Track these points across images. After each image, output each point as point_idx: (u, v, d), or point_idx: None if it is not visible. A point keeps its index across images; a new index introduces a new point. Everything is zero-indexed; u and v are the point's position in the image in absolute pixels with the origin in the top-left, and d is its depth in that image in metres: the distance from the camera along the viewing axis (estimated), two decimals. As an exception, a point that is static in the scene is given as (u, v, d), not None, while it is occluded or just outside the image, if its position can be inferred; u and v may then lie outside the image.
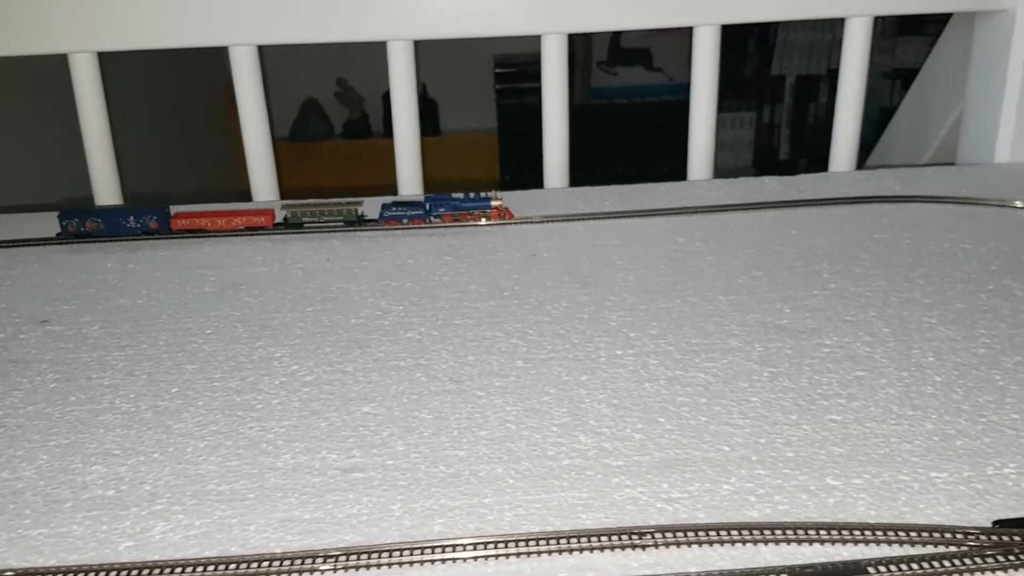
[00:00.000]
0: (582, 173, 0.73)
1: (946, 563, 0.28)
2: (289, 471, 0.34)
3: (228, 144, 2.52)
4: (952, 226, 0.56)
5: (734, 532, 0.30)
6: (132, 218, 0.58)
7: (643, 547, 0.29)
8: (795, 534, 0.29)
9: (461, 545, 0.29)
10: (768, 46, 2.51)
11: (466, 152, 2.51)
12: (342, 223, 0.59)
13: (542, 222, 0.60)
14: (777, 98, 2.56)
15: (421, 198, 0.60)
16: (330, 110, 2.70)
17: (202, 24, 0.65)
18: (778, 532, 0.30)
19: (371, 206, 0.61)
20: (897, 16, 2.27)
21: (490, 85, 2.50)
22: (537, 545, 0.29)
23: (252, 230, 0.59)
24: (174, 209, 0.60)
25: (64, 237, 0.59)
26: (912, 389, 0.38)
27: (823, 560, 0.28)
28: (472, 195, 0.60)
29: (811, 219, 0.58)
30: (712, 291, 0.49)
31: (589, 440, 0.35)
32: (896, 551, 0.29)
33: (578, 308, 0.47)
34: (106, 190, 0.71)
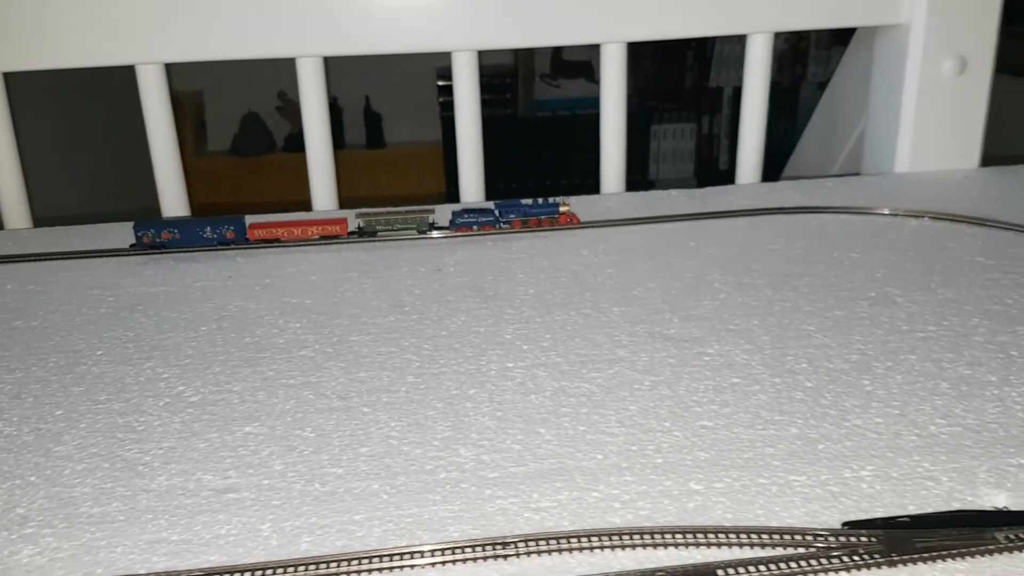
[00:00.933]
0: (528, 184, 0.73)
1: (793, 564, 0.29)
2: (163, 493, 0.34)
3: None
4: (844, 236, 0.58)
5: (594, 539, 0.30)
6: (209, 228, 0.58)
7: (504, 557, 0.30)
8: (651, 538, 0.30)
9: (324, 562, 0.30)
10: (706, 58, 2.56)
11: (411, 164, 2.51)
12: (415, 231, 0.60)
13: (451, 237, 0.60)
14: (716, 109, 2.62)
15: (491, 205, 0.61)
16: (272, 124, 2.68)
17: (108, 43, 0.65)
18: (635, 537, 0.30)
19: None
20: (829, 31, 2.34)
21: (434, 97, 2.50)
22: (401, 559, 0.30)
23: (327, 239, 0.59)
24: (249, 219, 0.60)
25: (139, 248, 0.59)
26: (783, 395, 0.40)
27: (676, 563, 0.29)
28: (540, 201, 0.61)
29: (711, 231, 0.60)
30: (607, 303, 0.50)
31: (468, 453, 0.36)
32: (747, 553, 0.30)
33: (476, 322, 0.48)
34: (15, 211, 0.70)
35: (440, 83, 2.51)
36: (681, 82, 2.62)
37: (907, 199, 0.64)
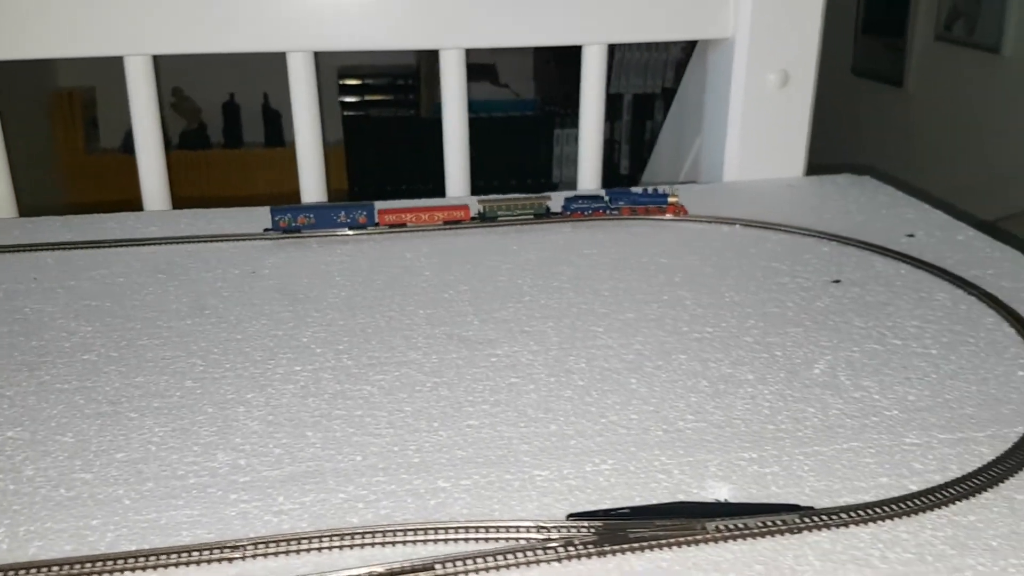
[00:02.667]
0: (429, 187, 0.74)
1: (510, 556, 0.31)
2: (-102, 502, 0.33)
3: (50, 155, 2.38)
4: (657, 242, 0.60)
5: (324, 539, 0.31)
6: (343, 213, 0.60)
7: (230, 560, 0.30)
8: (382, 536, 0.31)
9: (46, 566, 0.29)
10: (607, 65, 2.61)
11: (311, 165, 2.47)
12: (532, 216, 0.62)
13: (275, 239, 0.60)
14: (616, 115, 2.67)
15: (603, 193, 0.65)
16: (167, 121, 2.61)
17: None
18: (366, 536, 0.31)
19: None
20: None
21: (335, 97, 2.48)
22: (125, 563, 0.30)
23: (450, 224, 0.62)
24: (379, 205, 0.62)
25: (275, 231, 0.60)
26: (553, 394, 0.41)
27: (400, 559, 0.30)
28: (651, 190, 0.64)
29: (536, 236, 0.62)
30: (414, 306, 0.51)
31: (226, 458, 0.36)
32: (471, 547, 0.31)
33: (275, 325, 0.48)
34: None
35: (342, 83, 2.49)
36: (579, 90, 2.65)
37: (728, 207, 0.67)
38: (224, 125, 2.62)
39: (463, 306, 0.51)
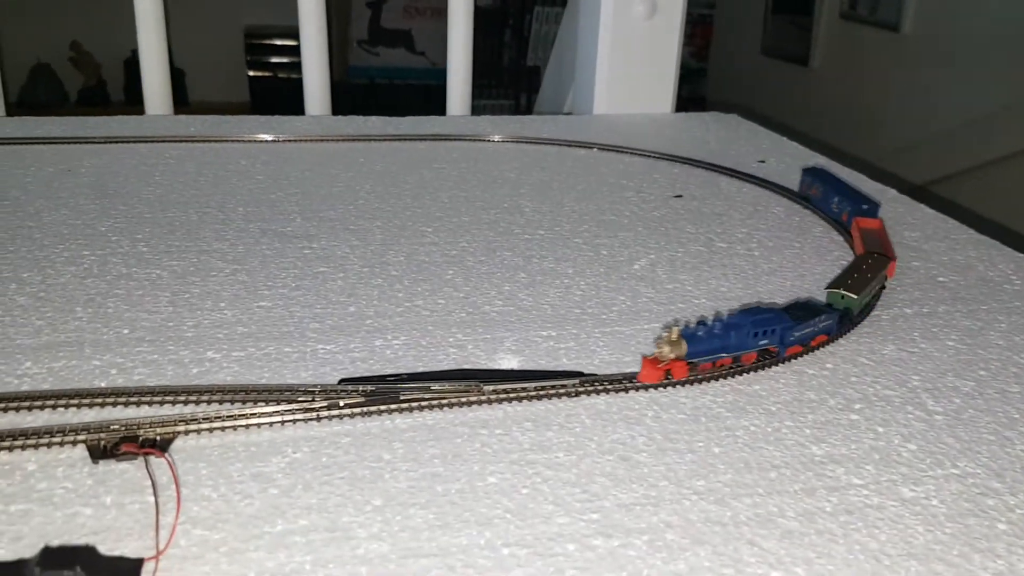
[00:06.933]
0: None
1: (264, 417, 0.28)
2: None
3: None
4: (508, 161, 0.59)
5: (63, 399, 0.28)
6: (837, 200, 0.49)
7: (-52, 416, 0.27)
8: (127, 397, 0.29)
9: None
10: (523, 38, 2.60)
11: (216, 126, 2.39)
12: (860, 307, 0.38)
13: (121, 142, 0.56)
14: (533, 88, 2.66)
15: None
16: (64, 76, 2.48)
17: None
18: (110, 397, 0.29)
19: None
20: None
21: (242, 56, 2.40)
22: None
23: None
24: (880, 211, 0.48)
25: (797, 196, 0.53)
26: (363, 281, 0.39)
27: (141, 419, 0.28)
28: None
29: (384, 150, 0.59)
30: (235, 204, 0.48)
31: (-21, 327, 0.33)
32: (223, 409, 0.29)
33: (75, 216, 0.45)
34: None
35: (249, 43, 2.41)
36: (500, 60, 2.64)
37: (590, 134, 0.66)
38: (125, 82, 2.51)
39: (288, 206, 0.48)
